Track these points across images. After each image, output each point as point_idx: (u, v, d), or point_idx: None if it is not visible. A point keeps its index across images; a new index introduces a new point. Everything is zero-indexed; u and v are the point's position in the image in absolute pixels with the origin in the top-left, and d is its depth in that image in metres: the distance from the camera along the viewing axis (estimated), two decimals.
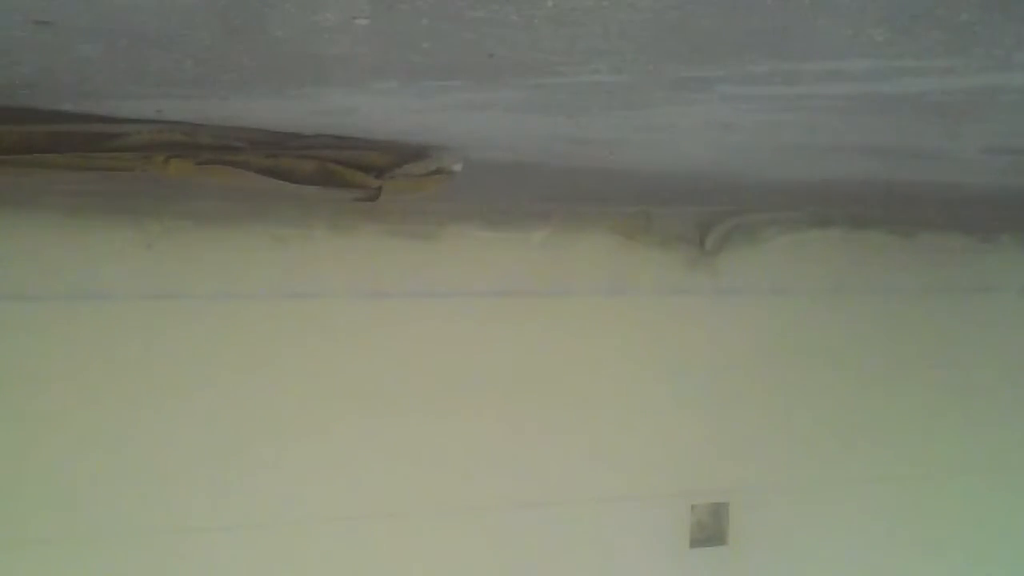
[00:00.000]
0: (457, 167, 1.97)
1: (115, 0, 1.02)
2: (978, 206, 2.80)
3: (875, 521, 2.90)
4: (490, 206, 2.53)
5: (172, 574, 2.27)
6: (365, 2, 1.01)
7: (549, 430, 2.60)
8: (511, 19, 1.06)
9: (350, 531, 2.43)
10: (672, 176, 2.32)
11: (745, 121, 1.58)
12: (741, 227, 2.70)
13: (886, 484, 2.91)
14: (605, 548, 2.66)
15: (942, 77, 1.31)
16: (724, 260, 2.73)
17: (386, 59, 1.23)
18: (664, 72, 1.29)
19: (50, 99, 1.48)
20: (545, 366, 2.60)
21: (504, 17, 1.05)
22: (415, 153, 1.88)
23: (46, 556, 2.16)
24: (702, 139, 1.76)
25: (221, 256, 2.31)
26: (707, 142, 1.78)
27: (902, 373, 2.91)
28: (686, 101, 1.45)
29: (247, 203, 2.30)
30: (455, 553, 2.53)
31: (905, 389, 2.92)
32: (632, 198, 2.58)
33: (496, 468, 2.55)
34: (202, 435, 2.30)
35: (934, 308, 2.92)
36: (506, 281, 2.56)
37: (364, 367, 2.44)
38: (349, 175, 1.82)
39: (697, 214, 2.68)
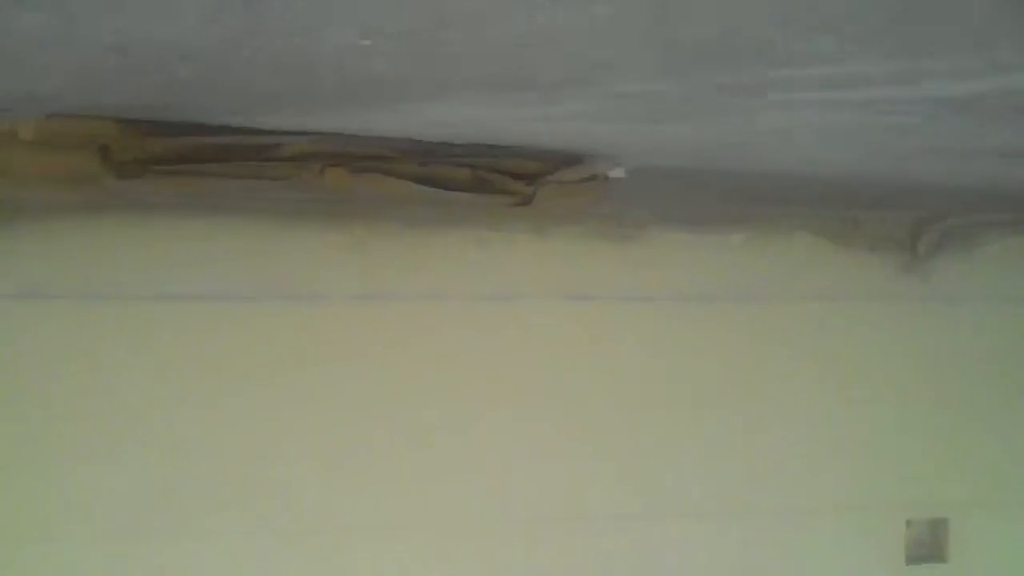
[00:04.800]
0: (618, 173, 2.00)
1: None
2: None
3: None
4: (689, 210, 2.52)
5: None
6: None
7: (750, 437, 2.55)
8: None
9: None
10: (870, 179, 2.24)
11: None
12: (955, 231, 2.55)
13: None
14: (811, 562, 2.58)
15: None
16: (937, 265, 2.60)
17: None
18: None
19: (208, 115, 1.64)
20: (746, 371, 2.55)
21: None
22: (570, 160, 1.93)
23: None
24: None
25: (425, 258, 2.42)
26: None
27: None
28: None
29: (451, 209, 2.41)
30: (654, 564, 2.53)
31: None
32: (839, 201, 2.50)
33: (694, 475, 2.53)
34: (403, 434, 2.39)
35: None
36: (705, 285, 2.54)
37: (559, 368, 2.48)
38: (501, 182, 1.90)
39: (908, 218, 2.57)
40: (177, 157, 1.70)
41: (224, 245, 2.30)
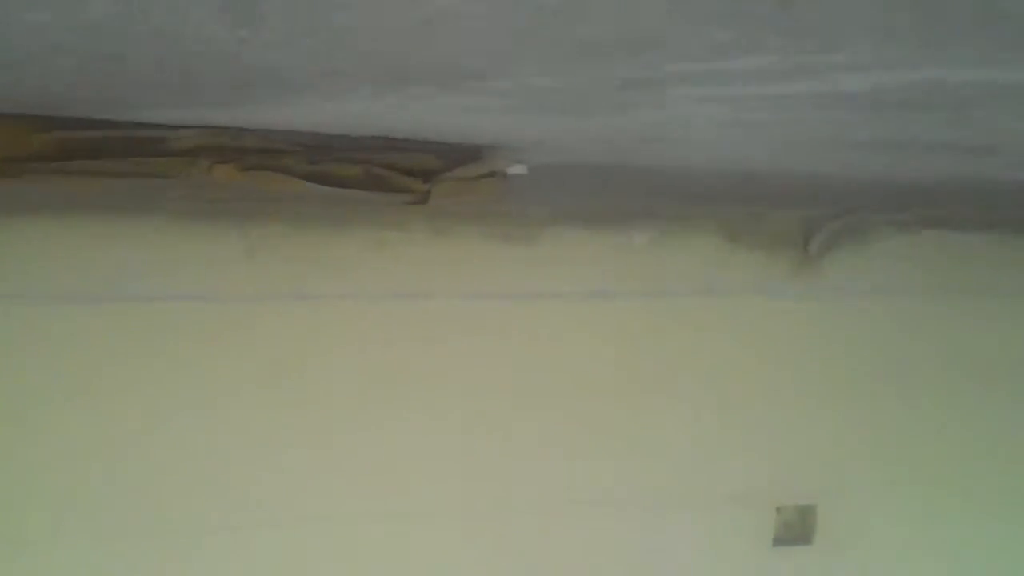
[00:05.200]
0: (517, 169, 1.97)
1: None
2: None
3: (968, 523, 2.84)
4: (592, 208, 2.51)
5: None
6: None
7: (639, 431, 2.58)
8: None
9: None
10: (770, 176, 2.25)
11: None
12: (848, 229, 2.62)
13: (984, 486, 2.84)
14: (680, 548, 2.65)
15: None
16: (829, 262, 2.66)
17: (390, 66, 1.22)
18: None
19: (89, 109, 1.56)
20: (638, 366, 2.57)
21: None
22: (468, 155, 1.89)
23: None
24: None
25: (321, 259, 2.37)
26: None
27: (1005, 375, 2.84)
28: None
29: (347, 208, 2.36)
30: (525, 555, 2.53)
31: (1008, 390, 2.84)
32: (740, 199, 2.51)
33: (581, 468, 2.54)
34: (299, 432, 2.37)
35: None
36: (605, 282, 2.54)
37: (459, 366, 2.46)
38: (395, 180, 1.85)
39: (805, 216, 2.62)
40: (57, 154, 1.61)
41: (115, 247, 2.21)
